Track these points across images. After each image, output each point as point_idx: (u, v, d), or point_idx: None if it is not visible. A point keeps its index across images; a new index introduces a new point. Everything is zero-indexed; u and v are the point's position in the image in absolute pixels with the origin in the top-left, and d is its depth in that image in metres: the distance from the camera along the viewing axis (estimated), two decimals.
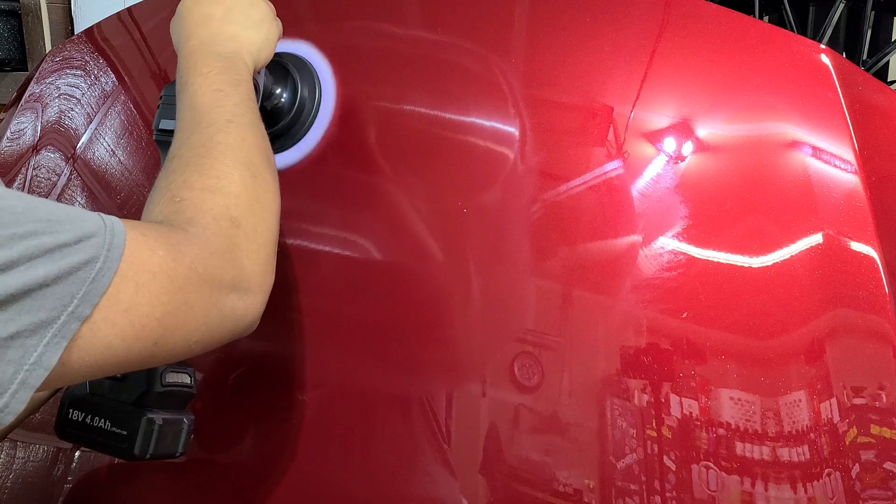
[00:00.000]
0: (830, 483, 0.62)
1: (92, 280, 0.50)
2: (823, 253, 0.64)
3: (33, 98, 1.17)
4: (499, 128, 0.76)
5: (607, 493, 0.66)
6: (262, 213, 0.65)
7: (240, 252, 0.61)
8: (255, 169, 0.66)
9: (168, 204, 0.61)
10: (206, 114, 0.66)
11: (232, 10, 0.74)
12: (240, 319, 0.61)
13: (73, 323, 0.50)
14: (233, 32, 0.73)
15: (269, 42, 0.76)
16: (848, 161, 0.66)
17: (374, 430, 0.76)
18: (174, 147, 0.66)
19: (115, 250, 0.52)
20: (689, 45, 0.72)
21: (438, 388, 0.74)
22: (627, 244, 0.69)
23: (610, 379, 0.67)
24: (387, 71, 0.83)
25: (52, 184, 1.06)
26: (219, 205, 0.61)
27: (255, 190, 0.65)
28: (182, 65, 0.71)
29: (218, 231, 0.60)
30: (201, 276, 0.57)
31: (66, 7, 2.42)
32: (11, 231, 0.48)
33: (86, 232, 0.51)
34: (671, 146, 0.70)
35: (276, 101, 0.82)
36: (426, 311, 0.76)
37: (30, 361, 0.48)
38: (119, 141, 1.01)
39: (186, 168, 0.63)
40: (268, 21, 0.76)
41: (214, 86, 0.68)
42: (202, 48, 0.71)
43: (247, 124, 0.67)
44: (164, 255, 0.55)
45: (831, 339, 0.64)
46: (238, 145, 0.65)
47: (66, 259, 0.49)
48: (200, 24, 0.72)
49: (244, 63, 0.72)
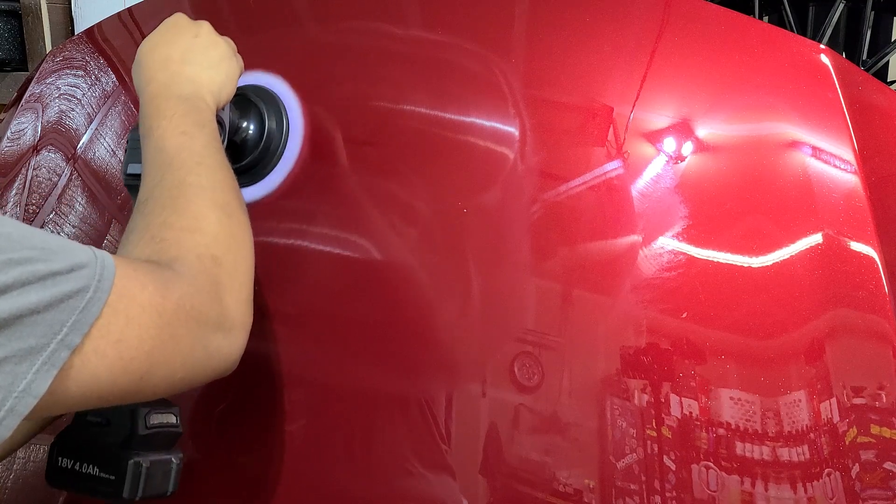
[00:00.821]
0: (830, 483, 0.62)
1: (82, 309, 0.51)
2: (823, 253, 0.64)
3: (33, 98, 1.17)
4: (499, 128, 0.76)
5: (607, 493, 0.66)
6: (240, 251, 0.66)
7: (223, 290, 0.62)
8: (230, 209, 0.67)
9: (149, 244, 0.62)
10: (175, 156, 0.67)
11: (190, 52, 0.74)
12: (224, 358, 0.62)
13: (62, 351, 0.50)
14: (192, 74, 0.73)
15: (230, 80, 0.77)
16: (848, 161, 0.66)
17: (373, 430, 0.76)
18: (146, 189, 0.67)
19: (106, 281, 0.53)
20: (688, 46, 0.72)
21: (438, 388, 0.74)
22: (627, 244, 0.69)
23: (610, 379, 0.67)
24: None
25: (53, 184, 1.06)
26: (200, 244, 0.63)
27: (232, 229, 0.66)
28: (145, 109, 0.71)
29: (202, 269, 0.61)
30: (188, 314, 0.58)
31: (67, 7, 2.42)
32: (7, 256, 0.49)
33: (78, 262, 0.52)
34: (671, 146, 0.70)
35: (243, 134, 0.82)
36: (426, 312, 0.76)
37: (19, 388, 0.49)
38: (119, 141, 1.01)
39: (163, 209, 0.64)
40: (227, 59, 0.77)
41: (180, 128, 0.69)
42: (163, 91, 0.71)
43: (216, 165, 0.69)
44: (153, 291, 0.56)
45: (831, 339, 0.64)
46: (211, 186, 0.66)
47: (58, 287, 0.50)
48: (160, 68, 0.73)
49: (206, 104, 0.72)
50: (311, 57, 0.87)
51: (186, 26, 0.77)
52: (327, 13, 0.89)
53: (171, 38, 0.75)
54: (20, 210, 1.09)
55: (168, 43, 0.75)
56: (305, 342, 0.81)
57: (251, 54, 0.82)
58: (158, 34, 0.76)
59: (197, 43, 0.75)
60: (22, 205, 1.09)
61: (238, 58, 0.79)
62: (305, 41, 0.89)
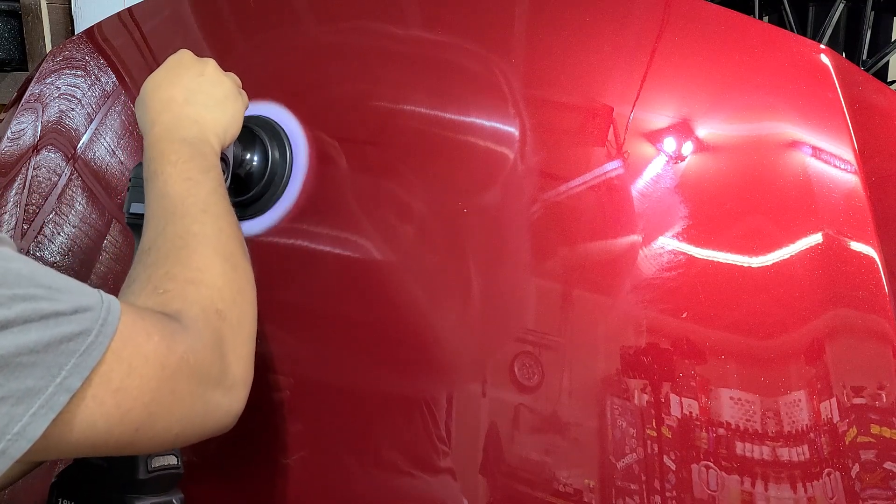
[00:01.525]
0: (830, 483, 0.62)
1: (82, 353, 0.50)
2: (823, 253, 0.64)
3: (33, 98, 1.17)
4: (499, 128, 0.76)
5: (607, 493, 0.66)
6: (244, 305, 0.65)
7: (226, 346, 0.61)
8: (235, 260, 0.65)
9: (152, 296, 0.60)
10: (178, 204, 0.66)
11: (193, 92, 0.73)
12: (222, 416, 0.61)
13: (61, 395, 0.49)
14: (196, 115, 0.72)
15: (235, 119, 0.75)
16: (848, 161, 0.66)
17: (374, 430, 0.76)
18: (148, 238, 0.65)
19: (109, 327, 0.52)
20: (689, 46, 0.72)
21: (438, 388, 0.74)
22: (627, 244, 0.69)
23: (610, 379, 0.67)
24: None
25: (53, 184, 1.06)
26: (204, 296, 0.61)
27: (237, 281, 0.64)
28: (149, 152, 0.70)
29: (206, 324, 0.60)
30: (191, 368, 0.57)
31: (66, 7, 2.42)
32: (13, 292, 0.48)
33: (82, 304, 0.51)
34: (671, 146, 0.70)
35: (247, 167, 0.81)
36: (426, 312, 0.76)
37: (13, 431, 0.47)
38: (119, 141, 1.01)
39: (166, 260, 0.62)
40: (232, 98, 0.75)
41: (184, 174, 0.67)
42: (167, 134, 0.70)
43: (220, 213, 0.67)
44: (158, 342, 0.55)
45: (831, 339, 0.64)
46: (216, 236, 0.65)
47: (59, 327, 0.49)
48: (163, 110, 0.72)
49: (211, 147, 0.71)
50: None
51: (190, 64, 0.75)
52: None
53: (174, 78, 0.74)
54: (20, 210, 1.09)
55: (172, 83, 0.73)
56: (305, 345, 0.81)
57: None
58: (162, 73, 0.75)
59: (201, 82, 0.74)
60: (22, 205, 1.09)
61: (243, 94, 0.78)
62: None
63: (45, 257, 1.03)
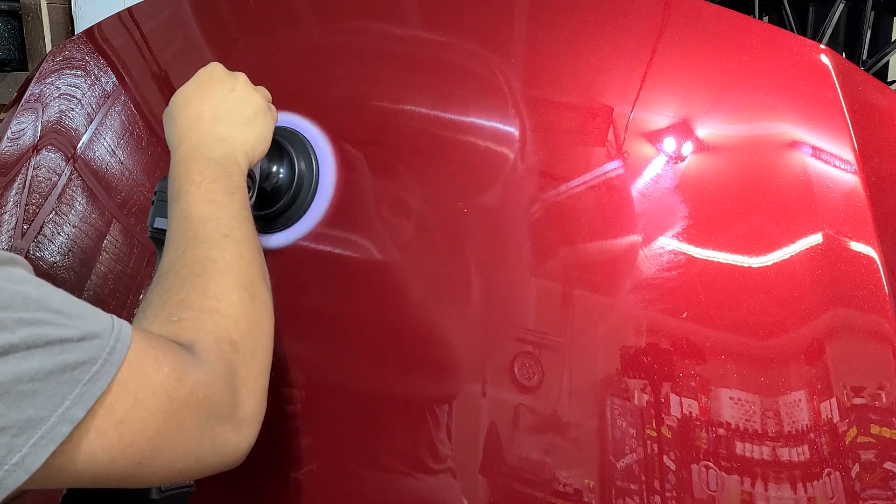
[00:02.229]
0: (830, 483, 0.62)
1: (87, 381, 0.48)
2: (823, 253, 0.64)
3: (33, 98, 1.17)
4: (498, 128, 0.76)
5: (607, 493, 0.66)
6: (260, 336, 0.63)
7: (238, 380, 0.59)
8: (254, 289, 0.63)
9: (165, 323, 0.58)
10: (200, 227, 0.64)
11: (222, 109, 0.71)
12: (230, 452, 0.59)
13: (63, 425, 0.47)
14: (224, 133, 0.70)
15: (264, 137, 0.74)
16: (848, 161, 0.66)
17: (374, 430, 0.76)
18: (167, 261, 0.64)
19: (117, 355, 0.50)
20: (688, 45, 0.72)
21: (438, 388, 0.74)
22: (627, 244, 0.69)
23: (610, 379, 0.67)
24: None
25: (53, 184, 1.06)
26: (219, 327, 0.59)
27: (254, 312, 0.62)
28: (175, 170, 0.69)
29: (220, 356, 0.58)
30: (200, 402, 0.55)
31: (66, 7, 2.43)
32: (19, 315, 0.47)
33: (90, 331, 0.50)
34: (671, 146, 0.70)
35: (274, 180, 0.80)
36: (426, 312, 0.76)
37: (11, 462, 0.46)
38: (119, 141, 1.01)
39: (182, 287, 0.61)
40: (261, 115, 0.74)
41: (209, 196, 0.66)
42: (194, 153, 0.68)
43: (243, 238, 0.65)
44: (168, 373, 0.53)
45: (831, 339, 0.64)
46: (236, 263, 0.63)
47: (63, 355, 0.48)
48: (191, 126, 0.70)
49: (237, 166, 0.69)
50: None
51: (221, 79, 0.73)
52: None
53: (205, 93, 0.72)
54: (20, 210, 1.09)
55: (202, 98, 0.72)
56: (312, 332, 0.81)
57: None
58: (192, 87, 0.73)
59: (231, 99, 0.72)
60: (22, 204, 1.09)
61: (272, 110, 0.76)
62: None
63: (45, 257, 1.03)
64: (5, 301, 0.47)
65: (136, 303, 0.92)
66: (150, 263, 0.93)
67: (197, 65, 0.76)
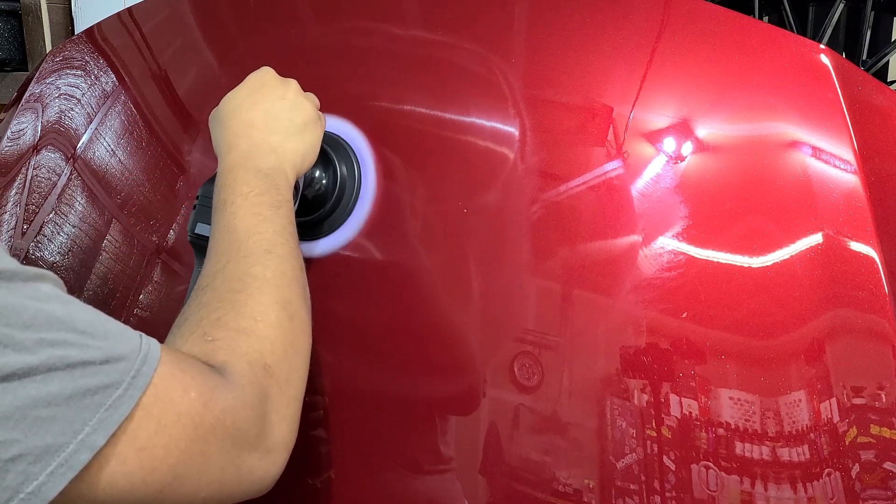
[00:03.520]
0: (830, 483, 0.62)
1: (108, 407, 0.46)
2: (823, 253, 0.64)
3: (33, 98, 1.17)
4: (498, 128, 0.76)
5: (607, 493, 0.66)
6: (296, 360, 0.60)
7: (270, 406, 0.56)
8: (293, 309, 0.61)
9: (199, 342, 0.56)
10: (244, 240, 0.62)
11: (274, 118, 0.69)
12: (256, 481, 0.56)
13: (83, 453, 0.45)
14: (274, 143, 0.68)
15: (314, 147, 0.72)
16: (848, 161, 0.66)
17: (373, 430, 0.76)
18: (207, 274, 0.62)
19: (141, 379, 0.48)
20: (688, 45, 0.72)
21: (438, 388, 0.74)
22: (627, 244, 0.69)
23: (610, 379, 0.67)
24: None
25: (53, 184, 1.06)
26: (254, 349, 0.57)
27: (292, 333, 0.60)
28: (221, 179, 0.67)
29: (252, 380, 0.55)
30: (227, 429, 0.52)
31: (66, 7, 2.43)
32: (41, 335, 0.45)
33: (116, 353, 0.48)
34: (671, 146, 0.70)
35: (317, 186, 0.77)
36: (426, 312, 0.76)
37: (27, 490, 0.43)
38: (119, 141, 1.01)
39: (220, 304, 0.59)
40: (311, 125, 0.72)
41: (255, 208, 0.64)
42: (242, 162, 0.67)
43: (286, 255, 0.63)
44: (195, 398, 0.51)
45: (831, 339, 0.64)
46: (276, 281, 0.61)
47: (84, 379, 0.46)
48: (241, 134, 0.68)
49: (285, 178, 0.68)
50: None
51: (272, 86, 0.72)
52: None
53: (256, 100, 0.70)
54: (20, 210, 1.09)
55: (253, 105, 0.70)
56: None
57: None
58: (244, 93, 0.71)
59: (282, 106, 0.70)
60: (22, 204, 1.09)
61: (321, 118, 0.75)
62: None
63: (45, 257, 1.03)
64: (28, 320, 0.45)
65: (136, 303, 0.92)
66: (149, 263, 0.93)
67: (197, 65, 0.76)
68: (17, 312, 0.45)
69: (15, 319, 0.45)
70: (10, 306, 0.45)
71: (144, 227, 0.94)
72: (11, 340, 0.44)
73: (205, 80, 0.96)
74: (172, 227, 0.92)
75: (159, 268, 0.92)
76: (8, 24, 2.43)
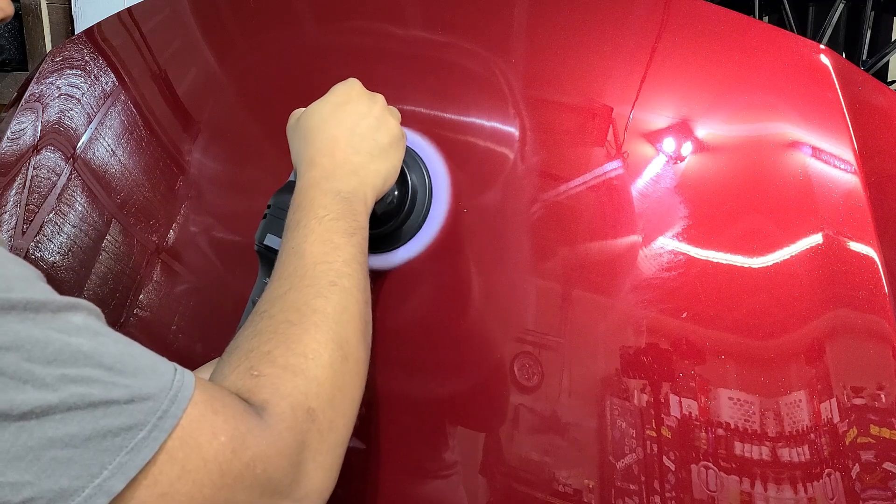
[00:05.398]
0: (830, 483, 0.62)
1: (130, 450, 0.44)
2: (823, 253, 0.64)
3: (33, 98, 1.17)
4: (498, 128, 0.76)
5: (607, 493, 0.66)
6: (343, 405, 0.57)
7: (307, 454, 0.53)
8: (349, 348, 0.58)
9: (244, 375, 0.54)
10: (310, 268, 0.59)
11: (360, 137, 0.66)
12: None
13: (99, 498, 0.43)
14: (357, 165, 0.65)
15: (395, 169, 0.69)
16: (848, 161, 0.66)
17: (373, 430, 0.76)
18: (267, 298, 0.59)
19: (168, 420, 0.46)
20: (688, 45, 0.72)
21: (438, 388, 0.74)
22: (627, 244, 0.69)
23: (610, 379, 0.67)
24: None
25: (53, 184, 1.06)
26: (299, 391, 0.53)
27: (343, 376, 0.57)
28: (299, 197, 0.64)
29: (292, 425, 0.52)
30: (257, 477, 0.49)
31: (66, 7, 2.43)
32: (63, 371, 0.43)
33: (142, 392, 0.45)
34: (671, 146, 0.70)
35: (388, 201, 0.74)
36: (426, 312, 0.76)
37: None
38: (119, 141, 1.01)
39: (274, 335, 0.56)
40: (395, 144, 0.69)
41: (327, 234, 0.61)
42: (322, 183, 0.64)
43: (351, 287, 0.60)
44: (225, 443, 0.48)
45: (831, 339, 0.64)
46: (336, 317, 0.58)
47: (106, 419, 0.43)
48: (324, 152, 0.65)
49: (364, 203, 0.65)
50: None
51: (359, 100, 0.68)
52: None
53: (341, 116, 0.67)
54: (20, 210, 1.09)
55: (338, 121, 0.67)
56: None
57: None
58: (329, 106, 0.68)
59: (368, 125, 0.67)
60: (22, 204, 1.09)
61: (404, 135, 0.71)
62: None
63: (45, 257, 1.03)
64: (51, 354, 0.43)
65: (136, 303, 0.92)
66: (149, 263, 0.93)
67: (197, 65, 0.76)
68: (41, 346, 0.43)
69: (38, 354, 0.43)
70: (34, 340, 0.43)
71: (144, 227, 0.94)
72: (32, 376, 0.42)
73: (205, 80, 0.96)
74: (172, 227, 0.92)
75: (159, 268, 0.92)
76: (8, 24, 2.44)
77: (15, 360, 0.42)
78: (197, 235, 0.91)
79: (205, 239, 0.90)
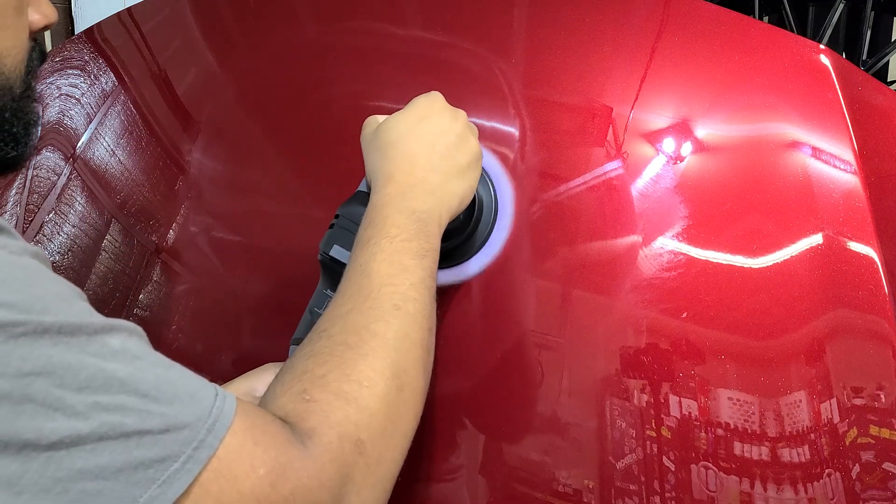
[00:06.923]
0: (830, 483, 0.62)
1: (163, 482, 0.42)
2: (823, 253, 0.64)
3: None
4: (498, 128, 0.76)
5: (607, 493, 0.66)
6: (394, 438, 0.54)
7: (351, 487, 0.50)
8: (406, 378, 0.55)
9: (295, 398, 0.51)
10: (375, 289, 0.57)
11: (440, 155, 0.64)
12: None
13: None
14: (435, 184, 0.63)
15: (472, 189, 0.66)
16: (847, 161, 0.66)
17: None
18: (328, 316, 0.57)
19: (204, 451, 0.44)
20: (688, 45, 0.72)
21: (438, 388, 0.74)
22: (628, 244, 0.69)
23: (610, 379, 0.67)
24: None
25: (52, 184, 1.06)
26: (349, 420, 0.51)
27: (397, 408, 0.54)
28: (372, 213, 0.62)
29: (338, 456, 0.49)
30: None
31: (66, 7, 2.43)
32: (95, 399, 0.41)
33: (177, 422, 0.43)
34: (671, 146, 0.70)
35: (458, 218, 0.70)
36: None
37: None
38: (119, 141, 1.01)
39: (330, 358, 0.53)
40: (474, 164, 0.66)
41: (396, 255, 0.59)
42: (398, 200, 0.61)
43: (415, 313, 0.58)
44: (263, 476, 0.45)
45: (831, 339, 0.64)
46: (396, 344, 0.55)
47: (139, 450, 0.42)
48: (402, 169, 0.63)
49: (438, 224, 0.62)
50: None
51: (441, 115, 0.65)
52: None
53: (421, 133, 0.64)
54: (20, 210, 1.09)
55: (418, 137, 0.64)
56: None
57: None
58: (409, 121, 0.65)
59: (450, 145, 0.64)
60: (22, 204, 1.09)
61: (481, 154, 0.69)
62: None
63: None
64: (84, 381, 0.41)
65: (135, 303, 0.92)
66: (149, 263, 0.93)
67: (196, 65, 0.76)
68: (74, 372, 0.41)
69: (70, 380, 0.41)
70: (66, 365, 0.41)
71: (144, 227, 0.94)
72: (62, 404, 0.40)
73: (205, 80, 0.96)
74: (172, 227, 0.92)
75: (159, 268, 0.92)
76: None
77: (45, 386, 0.40)
78: (197, 235, 0.91)
79: (205, 239, 0.90)
